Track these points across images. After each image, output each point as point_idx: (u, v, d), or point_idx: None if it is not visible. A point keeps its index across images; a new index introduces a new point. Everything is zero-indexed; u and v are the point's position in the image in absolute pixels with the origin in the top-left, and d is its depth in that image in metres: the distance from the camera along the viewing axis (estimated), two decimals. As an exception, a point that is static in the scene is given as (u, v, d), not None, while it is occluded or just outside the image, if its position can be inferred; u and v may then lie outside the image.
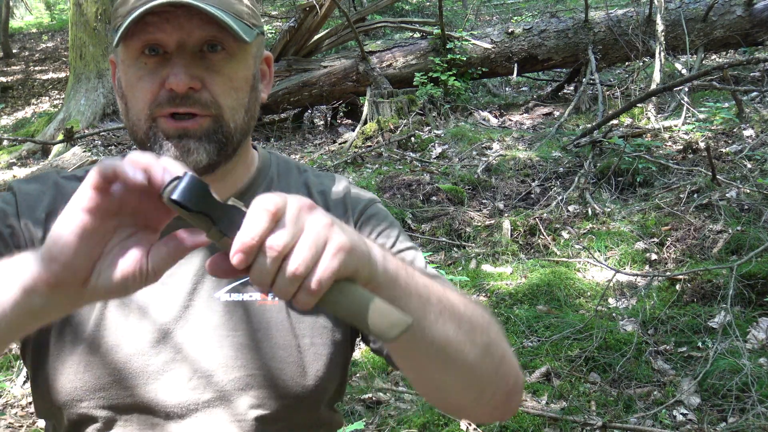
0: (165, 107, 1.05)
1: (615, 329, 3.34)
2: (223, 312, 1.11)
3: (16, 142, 8.61)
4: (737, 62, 6.34)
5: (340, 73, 7.73)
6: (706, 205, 4.34)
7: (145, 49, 1.05)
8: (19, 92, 12.71)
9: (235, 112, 1.09)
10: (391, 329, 0.73)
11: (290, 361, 1.11)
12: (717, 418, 2.76)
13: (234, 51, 1.07)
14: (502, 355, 0.99)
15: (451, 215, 4.87)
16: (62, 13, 19.43)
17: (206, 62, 1.06)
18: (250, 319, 1.12)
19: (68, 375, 1.09)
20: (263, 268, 0.70)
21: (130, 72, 1.07)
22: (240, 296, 1.12)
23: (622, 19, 7.65)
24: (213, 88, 1.06)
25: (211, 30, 1.04)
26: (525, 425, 2.72)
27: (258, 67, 1.15)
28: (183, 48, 1.04)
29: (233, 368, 1.10)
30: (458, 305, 0.94)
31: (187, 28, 1.03)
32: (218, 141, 1.08)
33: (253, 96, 1.13)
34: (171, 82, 1.03)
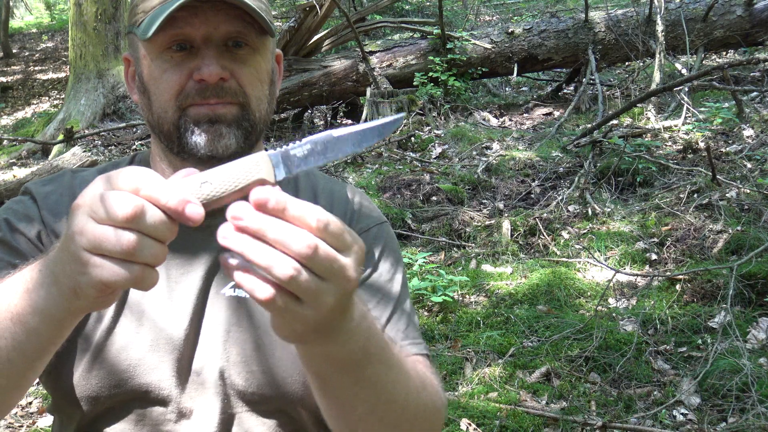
0: (195, 98, 1.07)
1: (615, 329, 3.34)
2: (227, 307, 1.14)
3: (16, 142, 8.60)
4: (737, 62, 6.34)
5: (340, 73, 7.73)
6: (706, 205, 4.34)
7: (173, 45, 1.06)
8: (19, 92, 12.71)
9: (261, 102, 1.12)
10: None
11: (288, 359, 1.12)
12: (717, 418, 2.75)
13: (257, 45, 1.10)
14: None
15: (451, 215, 4.87)
16: (62, 13, 19.42)
17: (232, 55, 1.08)
18: (252, 314, 1.14)
19: (82, 373, 1.11)
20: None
21: (154, 65, 1.08)
22: (244, 292, 1.12)
23: (622, 19, 7.65)
24: (241, 79, 1.09)
25: (237, 25, 1.06)
26: (525, 425, 2.72)
27: (275, 62, 1.18)
28: (209, 41, 1.06)
29: (237, 364, 1.12)
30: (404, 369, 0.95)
31: (214, 22, 1.05)
32: (245, 129, 1.10)
33: (273, 89, 1.17)
34: (203, 72, 1.05)
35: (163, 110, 1.09)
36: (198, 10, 1.04)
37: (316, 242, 0.69)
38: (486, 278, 4.04)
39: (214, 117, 1.08)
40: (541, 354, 3.24)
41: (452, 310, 3.72)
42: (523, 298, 3.77)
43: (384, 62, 7.83)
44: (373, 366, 0.86)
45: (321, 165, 0.79)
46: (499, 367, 3.16)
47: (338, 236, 0.71)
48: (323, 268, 0.70)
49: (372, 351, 0.85)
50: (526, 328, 3.48)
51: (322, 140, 0.77)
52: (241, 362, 1.12)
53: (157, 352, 1.11)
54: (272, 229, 0.68)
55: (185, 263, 1.15)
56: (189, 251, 1.15)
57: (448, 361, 3.26)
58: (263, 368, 1.12)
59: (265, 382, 1.12)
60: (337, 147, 0.78)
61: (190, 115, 1.08)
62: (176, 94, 1.07)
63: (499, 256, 4.36)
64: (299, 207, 0.69)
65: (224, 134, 1.08)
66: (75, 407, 1.12)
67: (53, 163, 6.15)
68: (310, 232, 0.69)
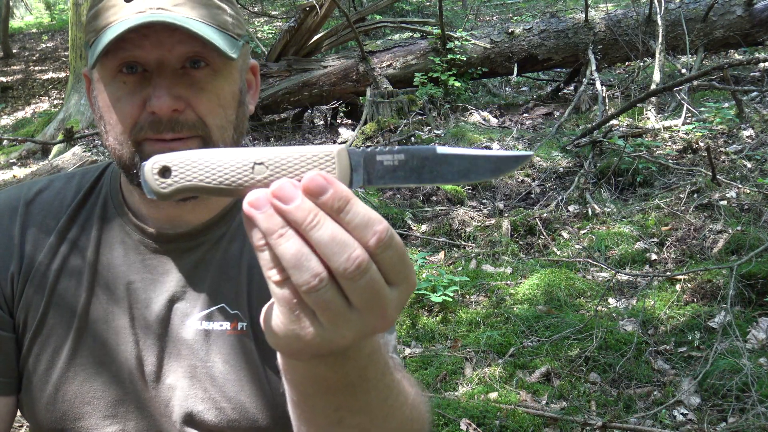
0: (148, 132, 0.97)
1: (615, 329, 3.34)
2: (194, 341, 1.07)
3: (16, 142, 8.60)
4: (737, 62, 6.34)
5: (340, 73, 7.73)
6: (706, 205, 4.34)
7: (123, 67, 0.97)
8: (19, 92, 12.71)
9: (224, 131, 1.01)
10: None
11: (257, 394, 1.07)
12: (717, 418, 2.75)
13: (219, 66, 0.99)
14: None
15: (451, 215, 4.87)
16: (62, 13, 19.43)
17: (189, 79, 0.98)
18: (220, 349, 1.07)
19: (45, 405, 1.08)
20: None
21: (107, 92, 0.99)
22: (211, 325, 1.07)
23: (622, 19, 7.65)
24: (199, 108, 0.98)
25: (194, 45, 0.96)
26: (525, 425, 2.72)
27: (244, 80, 1.07)
28: (164, 66, 0.96)
29: (205, 401, 1.06)
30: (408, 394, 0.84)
31: (168, 44, 0.95)
32: None
33: (241, 111, 1.05)
34: (153, 105, 0.95)
35: (118, 143, 1.00)
36: (149, 31, 0.94)
37: (367, 263, 0.56)
38: (486, 278, 4.04)
39: None
40: (541, 354, 3.24)
41: (452, 310, 3.72)
42: (523, 298, 3.77)
43: (384, 62, 7.83)
44: (368, 392, 0.73)
45: (409, 186, 0.64)
46: (499, 367, 3.16)
47: (395, 264, 0.58)
48: (360, 294, 0.57)
49: (370, 376, 0.72)
50: (526, 328, 3.48)
51: (422, 154, 0.61)
52: (209, 399, 1.06)
53: (121, 387, 1.07)
54: (321, 230, 0.56)
55: (150, 285, 1.08)
56: (151, 278, 1.08)
57: (448, 361, 3.26)
58: (233, 405, 1.06)
59: (235, 417, 1.06)
60: (437, 168, 0.61)
61: (145, 152, 0.98)
62: (130, 127, 0.98)
63: (499, 256, 4.36)
64: (363, 213, 0.57)
65: None
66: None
67: (53, 163, 6.15)
68: (363, 247, 0.57)
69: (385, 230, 0.57)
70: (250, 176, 0.59)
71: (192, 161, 0.60)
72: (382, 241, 0.57)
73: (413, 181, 0.61)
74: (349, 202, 0.57)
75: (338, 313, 0.58)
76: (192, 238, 1.10)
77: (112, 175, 1.15)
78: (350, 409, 0.74)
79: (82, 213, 1.12)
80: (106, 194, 1.13)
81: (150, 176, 0.61)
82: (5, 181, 6.87)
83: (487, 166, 0.62)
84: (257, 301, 1.08)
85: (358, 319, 0.58)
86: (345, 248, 0.56)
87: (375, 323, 0.59)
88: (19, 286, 1.08)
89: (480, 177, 0.62)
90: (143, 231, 1.09)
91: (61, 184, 1.15)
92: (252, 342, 1.07)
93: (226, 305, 1.08)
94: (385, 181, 0.61)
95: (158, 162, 0.61)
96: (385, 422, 0.77)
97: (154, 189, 0.61)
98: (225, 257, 1.10)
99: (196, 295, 1.08)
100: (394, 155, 0.61)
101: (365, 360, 0.69)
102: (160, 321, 1.07)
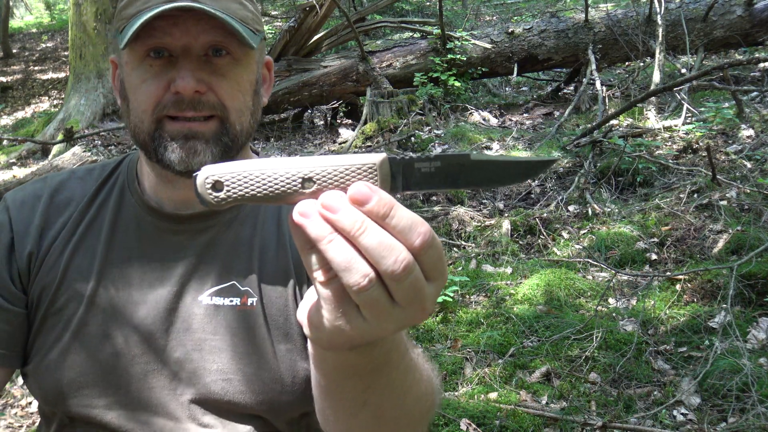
0: (170, 110, 1.05)
1: (615, 329, 3.34)
2: (204, 315, 1.12)
3: (16, 142, 8.60)
4: (737, 62, 6.34)
5: (340, 73, 7.73)
6: (706, 205, 4.34)
7: (151, 51, 1.04)
8: (19, 92, 12.70)
9: (242, 115, 1.09)
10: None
11: (265, 367, 1.11)
12: (717, 418, 2.75)
13: (239, 56, 1.07)
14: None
15: (451, 215, 4.87)
16: (62, 13, 19.43)
17: (212, 66, 1.06)
18: (230, 324, 1.12)
19: (50, 371, 1.11)
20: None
21: (134, 74, 1.07)
22: (222, 300, 1.12)
23: (622, 19, 7.65)
24: (219, 92, 1.06)
25: (218, 35, 1.04)
26: (525, 425, 2.72)
27: (260, 72, 1.15)
28: (189, 52, 1.04)
29: (213, 372, 1.10)
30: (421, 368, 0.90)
31: (194, 32, 1.03)
32: (224, 144, 1.08)
33: (257, 100, 1.13)
34: (178, 85, 1.02)
35: (139, 120, 1.07)
36: (178, 20, 1.02)
37: (413, 264, 0.60)
38: (486, 278, 4.04)
39: (189, 134, 1.06)
40: (541, 354, 3.24)
41: (452, 310, 3.72)
42: (523, 298, 3.77)
43: (384, 62, 7.83)
44: (390, 373, 0.79)
45: (443, 190, 0.69)
46: (499, 367, 3.16)
47: (435, 262, 0.62)
48: (405, 292, 0.61)
49: (393, 358, 0.78)
50: (526, 328, 3.48)
51: (457, 161, 0.64)
52: (217, 371, 1.10)
53: (127, 359, 1.11)
54: (369, 235, 0.60)
55: (160, 268, 1.14)
56: (165, 256, 1.14)
57: (448, 361, 3.26)
58: (240, 377, 1.10)
59: (242, 389, 1.10)
60: (471, 174, 0.64)
61: (166, 129, 1.06)
62: (154, 105, 1.05)
63: (499, 256, 4.36)
64: (406, 217, 0.61)
65: (199, 151, 1.06)
66: (53, 407, 1.13)
67: (53, 163, 6.15)
68: (408, 249, 0.60)
69: (428, 231, 0.61)
70: (299, 188, 0.62)
71: (243, 175, 0.63)
72: (426, 242, 0.61)
73: (449, 187, 0.65)
74: (393, 208, 0.60)
75: (383, 310, 0.62)
76: (204, 219, 1.16)
77: (129, 164, 1.23)
78: (375, 390, 0.80)
79: (99, 197, 1.19)
80: (123, 181, 1.21)
81: (203, 189, 0.64)
82: (5, 181, 6.87)
83: (517, 170, 0.66)
84: (267, 280, 1.14)
85: (400, 313, 0.62)
86: (392, 252, 0.60)
87: (415, 316, 0.63)
88: (36, 265, 1.14)
89: (511, 182, 0.66)
90: (158, 212, 1.16)
91: (83, 173, 1.23)
92: (262, 317, 1.13)
93: (236, 282, 1.13)
94: (421, 187, 0.64)
95: (211, 177, 0.63)
96: (404, 398, 0.84)
97: (206, 201, 0.64)
98: (237, 238, 1.16)
99: (207, 273, 1.14)
100: (431, 162, 0.64)
101: (389, 345, 0.75)
102: (171, 297, 1.12)
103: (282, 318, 1.13)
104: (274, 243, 1.16)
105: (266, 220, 1.19)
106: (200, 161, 1.05)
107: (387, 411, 0.84)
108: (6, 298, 1.13)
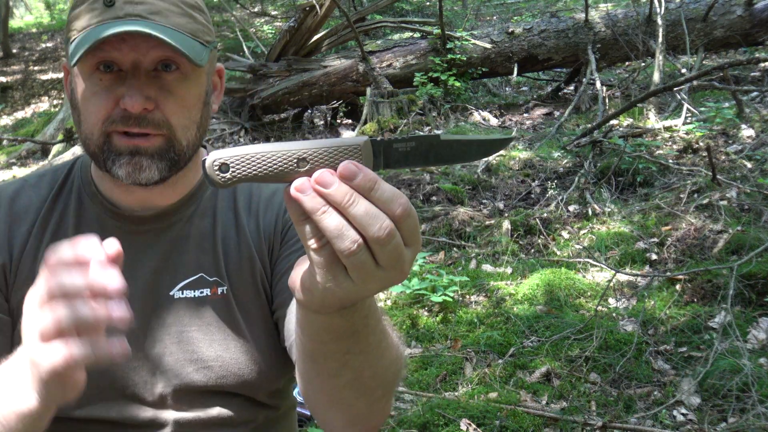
0: (119, 125, 1.07)
1: (615, 329, 3.34)
2: (177, 309, 1.17)
3: (16, 142, 8.60)
4: (737, 62, 6.34)
5: (340, 73, 7.73)
6: (706, 205, 4.34)
7: (100, 65, 1.07)
8: (19, 92, 12.70)
9: (187, 130, 1.12)
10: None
11: (241, 350, 1.17)
12: (717, 418, 2.75)
13: (187, 71, 1.09)
14: (389, 397, 1.03)
15: (451, 215, 4.86)
16: (62, 13, 19.42)
17: (160, 81, 1.08)
18: (203, 314, 1.17)
19: None
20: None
21: (83, 86, 1.09)
22: (192, 293, 1.17)
23: (622, 19, 7.65)
24: (165, 109, 1.08)
25: (167, 51, 1.06)
26: (525, 425, 2.72)
27: (210, 82, 1.18)
28: (138, 68, 1.06)
29: (193, 362, 1.15)
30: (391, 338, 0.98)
31: (143, 48, 1.05)
32: (170, 158, 1.11)
33: (206, 111, 1.16)
34: (126, 103, 1.05)
35: (90, 132, 1.10)
36: (127, 36, 1.04)
37: (394, 230, 0.69)
38: (486, 278, 4.04)
39: (135, 150, 1.08)
40: (541, 354, 3.24)
41: (452, 310, 3.72)
42: (523, 298, 3.77)
43: (384, 62, 7.83)
44: (368, 337, 0.87)
45: (418, 167, 0.79)
46: (499, 367, 3.16)
47: (412, 230, 0.71)
48: (387, 255, 0.70)
49: (371, 323, 0.86)
50: (526, 328, 3.48)
51: (428, 141, 0.76)
52: (197, 360, 1.15)
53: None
54: (357, 206, 0.68)
55: (129, 269, 1.15)
56: (132, 257, 1.16)
57: (448, 361, 3.26)
58: (220, 364, 1.16)
59: (222, 374, 1.16)
60: (440, 152, 0.76)
61: (113, 144, 1.09)
62: (103, 119, 1.08)
63: (499, 256, 4.36)
64: (388, 190, 0.70)
65: (145, 167, 1.09)
66: None
67: (53, 163, 6.15)
68: (390, 217, 0.70)
69: (406, 202, 0.71)
70: (295, 167, 0.72)
71: (246, 157, 0.72)
72: (405, 211, 0.70)
73: (422, 164, 0.76)
74: (377, 182, 0.70)
75: (368, 272, 0.70)
76: (166, 218, 1.20)
77: (82, 167, 1.24)
78: (354, 352, 0.88)
79: (59, 204, 1.21)
80: (79, 186, 1.23)
81: (211, 171, 0.72)
82: (5, 181, 6.87)
83: (479, 149, 0.77)
84: (233, 267, 1.20)
85: (383, 275, 0.71)
86: (377, 219, 0.69)
87: (395, 278, 0.72)
88: (11, 276, 1.16)
89: (474, 158, 0.78)
90: (119, 215, 1.19)
91: (35, 180, 1.24)
92: (233, 304, 1.18)
93: (204, 274, 1.19)
94: (400, 165, 0.75)
95: (218, 159, 0.72)
96: (379, 361, 0.92)
97: (214, 181, 0.72)
98: (199, 232, 1.21)
99: (175, 268, 1.18)
100: (406, 143, 0.75)
101: (367, 310, 0.83)
102: (144, 295, 1.16)
103: (251, 301, 1.19)
104: (233, 232, 1.22)
105: (224, 211, 1.23)
106: (147, 176, 1.09)
107: (365, 371, 0.92)
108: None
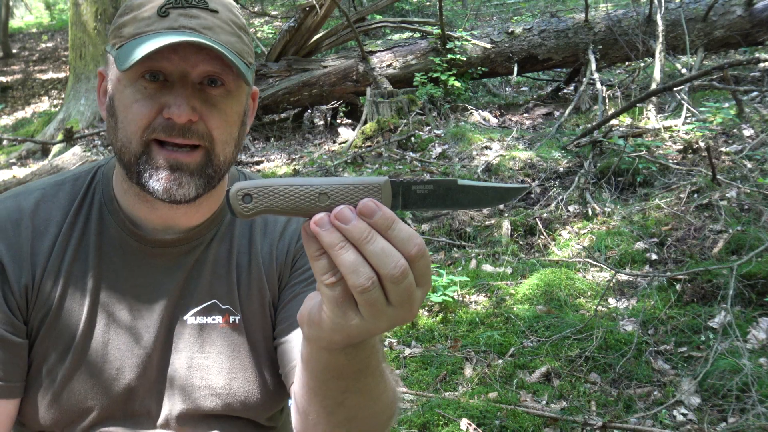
0: (160, 134, 1.05)
1: (615, 329, 3.34)
2: (189, 335, 1.17)
3: (16, 142, 8.60)
4: (737, 62, 6.33)
5: (340, 73, 7.73)
6: (706, 205, 4.34)
7: (146, 73, 1.05)
8: (19, 92, 12.70)
9: (226, 146, 1.11)
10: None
11: (249, 379, 1.18)
12: (717, 418, 2.75)
13: (232, 88, 1.09)
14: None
15: (451, 215, 4.86)
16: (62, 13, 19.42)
17: (205, 95, 1.07)
18: (214, 341, 1.17)
19: (46, 406, 1.13)
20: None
21: (126, 93, 1.06)
22: (205, 319, 1.17)
23: (622, 19, 7.65)
24: (209, 122, 1.07)
25: (216, 66, 1.05)
26: (525, 425, 2.72)
27: (248, 102, 1.17)
28: (185, 79, 1.05)
29: (201, 388, 1.16)
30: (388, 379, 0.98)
31: (193, 61, 1.04)
32: (208, 175, 1.09)
33: (242, 130, 1.16)
34: (173, 111, 1.03)
35: (127, 140, 1.07)
36: (178, 46, 1.03)
37: (408, 269, 0.70)
38: (486, 278, 4.04)
39: (175, 165, 1.06)
40: (541, 354, 3.24)
41: (452, 310, 3.72)
42: (523, 298, 3.77)
43: (384, 62, 7.83)
44: (367, 378, 0.89)
45: (434, 210, 0.80)
46: (499, 367, 3.16)
47: (425, 270, 0.72)
48: (399, 294, 0.71)
49: (372, 363, 0.87)
50: (526, 328, 3.48)
51: (445, 185, 0.77)
52: (206, 387, 1.16)
53: (125, 380, 1.15)
54: (374, 243, 0.70)
55: (147, 292, 1.16)
56: (150, 280, 1.16)
57: (448, 361, 3.26)
58: (228, 391, 1.17)
59: (229, 402, 1.17)
60: (457, 196, 0.77)
61: (153, 156, 1.06)
62: (144, 127, 1.05)
63: (499, 256, 4.36)
64: (405, 230, 0.71)
65: (184, 183, 1.06)
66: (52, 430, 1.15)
67: (53, 163, 6.15)
68: (405, 257, 0.70)
69: (421, 243, 0.72)
70: (315, 202, 0.73)
71: (269, 190, 0.74)
72: (420, 251, 0.71)
73: (439, 207, 0.77)
74: (395, 221, 0.71)
75: (379, 309, 0.71)
76: (186, 241, 1.19)
77: (103, 180, 1.20)
78: (353, 391, 0.89)
79: (80, 219, 1.17)
80: (101, 201, 1.19)
81: (234, 201, 0.74)
82: (5, 181, 6.87)
83: (494, 195, 0.79)
84: (244, 296, 1.20)
85: (393, 313, 0.72)
86: (392, 258, 0.70)
87: (404, 316, 0.73)
88: (33, 297, 1.13)
89: (489, 204, 0.79)
90: (141, 238, 1.16)
91: (54, 190, 1.20)
92: (243, 333, 1.19)
93: (218, 301, 1.18)
94: (417, 206, 0.76)
95: (241, 189, 0.74)
96: (375, 403, 0.93)
97: (237, 211, 0.74)
98: (216, 258, 1.20)
99: (191, 293, 1.18)
100: (425, 186, 0.76)
101: (370, 350, 0.84)
102: (160, 320, 1.16)
103: (259, 330, 1.20)
104: (246, 259, 1.21)
105: (240, 236, 1.22)
106: (184, 192, 1.07)
107: (360, 412, 0.93)
108: (10, 331, 1.11)
